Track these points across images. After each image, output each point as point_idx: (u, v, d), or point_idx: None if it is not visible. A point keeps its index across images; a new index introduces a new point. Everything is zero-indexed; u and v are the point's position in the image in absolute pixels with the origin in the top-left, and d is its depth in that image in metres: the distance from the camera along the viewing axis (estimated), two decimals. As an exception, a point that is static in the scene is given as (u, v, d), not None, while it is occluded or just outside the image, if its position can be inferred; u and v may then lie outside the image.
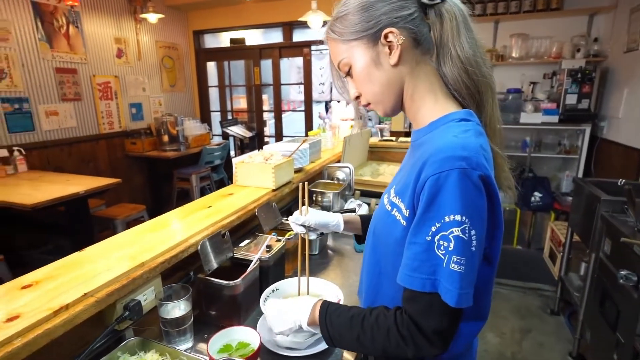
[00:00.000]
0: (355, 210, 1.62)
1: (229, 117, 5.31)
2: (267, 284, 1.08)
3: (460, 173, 0.54)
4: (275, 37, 4.97)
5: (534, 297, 2.79)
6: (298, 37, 4.73)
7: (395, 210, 0.65)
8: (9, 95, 3.14)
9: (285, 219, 1.47)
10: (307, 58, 4.66)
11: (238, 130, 4.83)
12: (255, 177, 1.52)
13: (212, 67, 5.33)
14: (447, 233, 0.55)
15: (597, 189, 1.99)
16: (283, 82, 4.98)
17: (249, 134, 4.92)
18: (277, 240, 1.23)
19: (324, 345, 0.89)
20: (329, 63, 0.76)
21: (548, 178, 3.50)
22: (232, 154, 5.01)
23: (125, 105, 4.22)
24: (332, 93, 4.67)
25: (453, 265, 0.54)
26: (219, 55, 5.20)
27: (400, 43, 0.63)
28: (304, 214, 0.98)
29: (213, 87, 5.37)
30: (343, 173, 1.92)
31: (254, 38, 5.11)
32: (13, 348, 0.61)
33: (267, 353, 0.88)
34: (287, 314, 0.76)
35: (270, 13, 4.56)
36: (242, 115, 5.37)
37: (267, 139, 5.33)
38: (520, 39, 3.47)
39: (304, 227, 0.99)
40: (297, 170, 1.76)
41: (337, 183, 1.86)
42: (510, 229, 3.51)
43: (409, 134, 2.77)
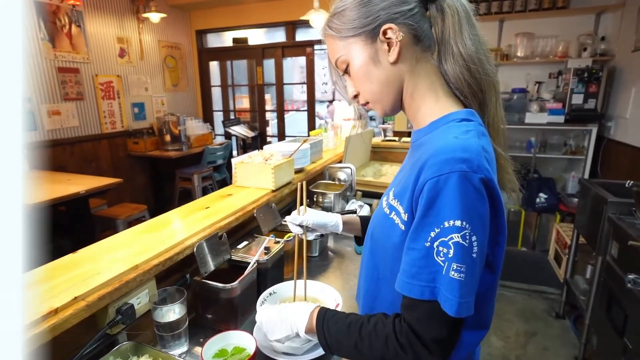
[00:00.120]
0: (357, 212, 1.59)
1: (232, 116, 5.30)
2: (265, 287, 1.06)
3: (461, 176, 0.51)
4: (278, 36, 4.96)
5: (539, 300, 2.75)
6: (301, 36, 4.71)
7: (394, 214, 0.63)
8: (12, 95, 3.13)
9: (284, 221, 1.45)
10: (309, 57, 4.64)
11: (240, 130, 4.81)
12: (255, 177, 1.50)
13: (214, 66, 5.32)
14: (446, 239, 0.52)
15: (603, 191, 1.95)
16: (286, 81, 4.96)
17: (252, 134, 4.90)
18: (275, 242, 1.20)
19: (322, 351, 0.87)
20: (328, 61, 0.73)
21: (553, 179, 3.45)
22: (234, 154, 5.00)
23: (128, 105, 4.22)
24: (334, 93, 4.65)
25: (453, 273, 0.52)
26: (222, 55, 5.19)
27: (400, 40, 0.61)
28: (302, 214, 0.96)
29: (216, 86, 5.36)
30: (344, 173, 1.89)
31: (257, 37, 5.10)
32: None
33: (263, 358, 0.86)
34: (284, 321, 0.74)
35: (273, 12, 4.54)
36: (244, 115, 5.36)
37: (269, 139, 5.31)
38: (526, 38, 3.43)
39: (302, 227, 0.97)
40: (297, 171, 1.73)
41: (338, 184, 1.83)
42: (515, 231, 3.47)
43: (412, 134, 2.73)
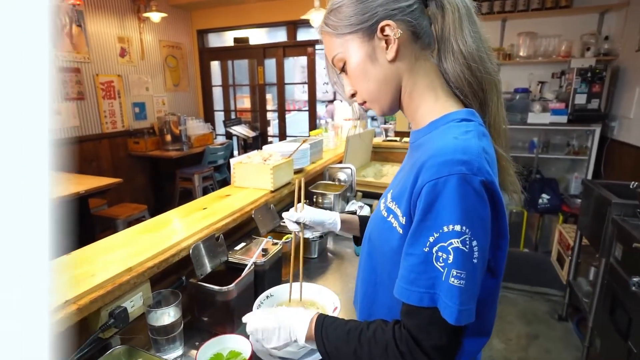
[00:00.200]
0: (357, 212, 1.57)
1: (233, 116, 5.28)
2: (262, 289, 1.04)
3: (460, 179, 0.49)
4: (279, 36, 4.94)
5: (541, 302, 2.72)
6: (302, 36, 4.69)
7: (392, 217, 0.61)
8: (12, 94, 3.13)
9: (283, 222, 1.43)
10: (311, 57, 4.62)
11: (241, 130, 4.80)
12: (254, 178, 1.48)
13: (215, 66, 5.30)
14: (445, 244, 0.50)
15: (607, 192, 1.93)
16: (287, 81, 4.94)
17: (252, 134, 4.88)
18: (273, 244, 1.19)
19: (319, 356, 0.85)
20: (325, 59, 0.71)
21: (556, 179, 3.42)
22: (235, 154, 4.99)
23: (129, 105, 4.21)
24: (335, 93, 4.62)
25: (452, 280, 0.50)
26: (223, 55, 5.17)
27: (398, 37, 0.59)
28: (299, 211, 0.95)
29: (217, 86, 5.35)
30: (344, 174, 1.87)
31: (258, 37, 5.08)
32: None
33: (259, 363, 0.84)
34: (283, 329, 0.70)
35: (274, 12, 4.52)
36: (245, 115, 5.34)
37: (270, 139, 5.30)
38: (528, 38, 3.40)
39: (299, 224, 0.95)
40: (297, 171, 1.72)
41: (338, 184, 1.81)
42: (517, 231, 3.44)
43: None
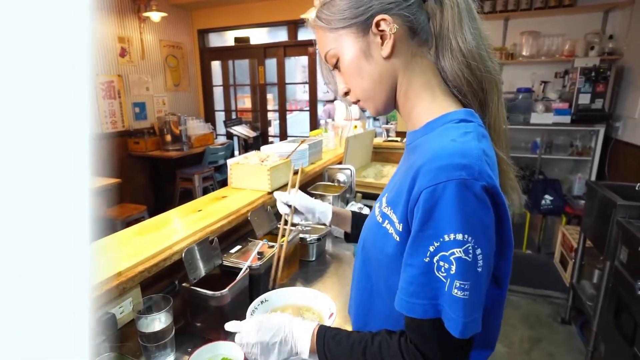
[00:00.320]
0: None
1: (233, 116, 5.26)
2: (257, 294, 1.01)
3: (460, 184, 0.46)
4: (280, 35, 4.91)
5: (544, 304, 2.68)
6: (303, 35, 4.66)
7: (387, 223, 0.58)
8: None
9: (279, 224, 1.40)
10: (312, 57, 4.59)
11: (242, 130, 4.78)
12: (251, 179, 1.45)
13: (216, 66, 5.28)
14: (447, 254, 0.47)
15: (612, 193, 1.89)
16: (288, 81, 4.92)
17: (253, 134, 4.86)
18: (269, 247, 1.16)
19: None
20: (317, 55, 0.68)
21: (559, 180, 3.38)
22: (236, 154, 4.97)
23: (129, 105, 4.19)
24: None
25: (456, 291, 0.47)
26: (224, 54, 5.15)
27: (394, 32, 0.56)
28: (292, 194, 0.94)
29: (217, 86, 5.33)
30: (344, 175, 1.84)
31: (259, 37, 5.06)
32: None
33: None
34: (284, 343, 0.65)
35: (275, 11, 4.50)
36: (246, 115, 5.32)
37: (271, 139, 5.27)
38: (531, 37, 3.36)
39: (289, 207, 0.94)
40: (295, 172, 1.69)
41: (337, 185, 1.79)
42: (520, 233, 3.40)
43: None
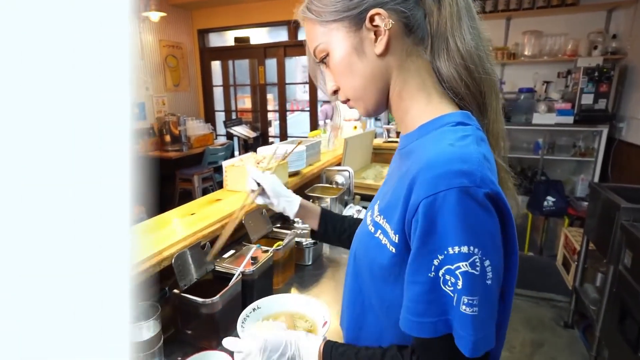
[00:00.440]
0: (354, 216, 1.51)
1: (233, 117, 5.24)
2: (251, 300, 0.98)
3: (461, 193, 0.43)
4: (280, 35, 4.89)
5: (547, 308, 2.64)
6: (303, 35, 4.57)
7: (380, 233, 0.54)
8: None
9: (275, 228, 1.37)
10: (312, 57, 4.56)
11: (242, 131, 4.75)
12: (246, 181, 1.42)
13: (216, 66, 5.26)
14: (452, 267, 0.44)
15: (615, 196, 1.85)
16: (288, 81, 4.89)
17: (253, 134, 4.84)
18: (263, 252, 1.13)
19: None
20: (306, 49, 0.65)
21: (562, 181, 3.34)
22: (236, 154, 4.94)
23: (128, 105, 4.17)
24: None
25: (464, 308, 0.44)
26: (224, 54, 5.13)
27: (389, 28, 0.52)
28: (265, 174, 0.94)
29: (217, 86, 5.31)
30: (342, 177, 1.81)
31: (259, 37, 5.03)
32: None
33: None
34: None
35: (275, 11, 4.47)
36: (246, 115, 5.30)
37: (271, 139, 5.25)
38: (534, 37, 3.32)
39: (258, 185, 0.93)
40: (292, 174, 1.66)
41: (335, 187, 1.76)
42: (522, 235, 3.36)
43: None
